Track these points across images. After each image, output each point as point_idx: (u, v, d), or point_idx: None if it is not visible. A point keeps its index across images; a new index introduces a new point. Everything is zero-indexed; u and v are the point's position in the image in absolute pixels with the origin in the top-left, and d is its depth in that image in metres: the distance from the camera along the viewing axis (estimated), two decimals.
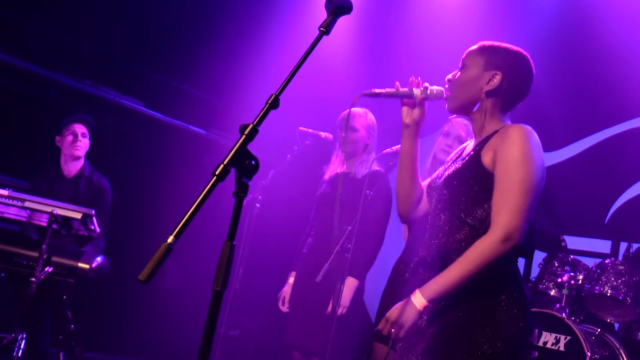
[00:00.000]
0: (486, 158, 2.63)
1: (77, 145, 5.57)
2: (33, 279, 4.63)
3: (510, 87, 2.77)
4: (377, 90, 2.74)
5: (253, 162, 2.14)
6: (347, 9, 2.43)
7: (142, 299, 6.71)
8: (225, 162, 2.06)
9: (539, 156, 2.60)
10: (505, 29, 7.21)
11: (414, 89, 2.85)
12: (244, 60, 6.98)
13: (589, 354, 4.88)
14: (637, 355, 5.19)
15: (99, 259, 5.13)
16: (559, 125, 6.93)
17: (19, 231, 5.35)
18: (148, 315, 6.94)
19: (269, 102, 2.22)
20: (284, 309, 5.06)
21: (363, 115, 5.05)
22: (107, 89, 6.88)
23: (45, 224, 4.76)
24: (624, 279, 5.19)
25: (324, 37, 2.53)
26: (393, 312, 2.61)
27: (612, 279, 5.20)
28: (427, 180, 3.02)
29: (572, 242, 6.50)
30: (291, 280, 5.09)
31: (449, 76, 2.85)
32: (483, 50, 2.80)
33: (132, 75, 7.10)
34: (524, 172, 2.53)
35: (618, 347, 5.17)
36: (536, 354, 5.18)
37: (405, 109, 2.89)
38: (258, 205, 5.25)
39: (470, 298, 2.58)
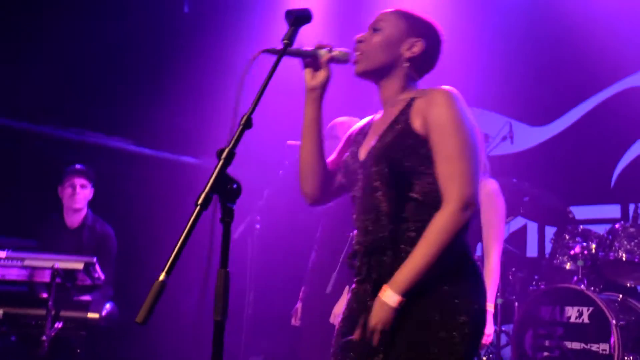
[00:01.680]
0: (416, 123, 2.47)
1: (76, 198, 5.59)
2: (44, 338, 4.56)
3: (428, 57, 2.66)
4: (279, 48, 2.42)
5: (235, 186, 2.10)
6: (307, 19, 2.41)
7: (159, 340, 6.64)
8: (206, 190, 2.01)
9: (470, 116, 2.48)
10: (479, 11, 7.20)
11: (318, 49, 2.60)
12: (227, 83, 6.94)
13: (613, 321, 4.83)
14: None
15: (107, 306, 5.09)
16: (550, 98, 6.91)
17: (27, 291, 5.29)
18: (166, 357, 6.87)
19: (242, 122, 2.17)
20: (295, 323, 5.00)
21: (347, 123, 4.99)
22: (93, 134, 6.86)
23: (48, 280, 4.71)
24: (636, 240, 5.13)
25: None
26: (368, 319, 2.40)
27: (625, 242, 5.15)
28: (332, 157, 2.80)
29: (582, 212, 6.46)
30: (302, 295, 5.05)
31: (360, 37, 2.66)
32: (403, 14, 2.66)
33: (116, 114, 7.07)
34: (463, 135, 2.41)
35: None
36: (562, 330, 5.12)
37: (308, 71, 2.64)
38: (258, 226, 5.20)
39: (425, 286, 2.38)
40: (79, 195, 5.59)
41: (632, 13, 6.23)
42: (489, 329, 4.12)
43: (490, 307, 4.14)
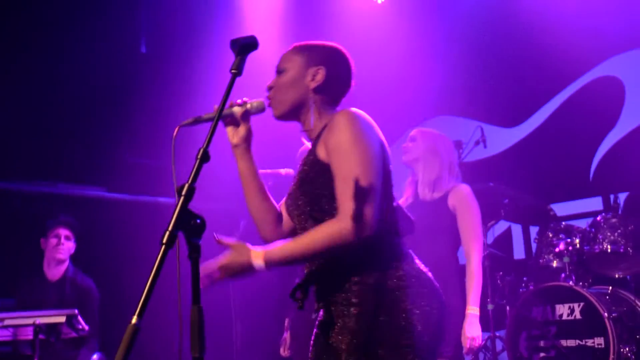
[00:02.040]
0: (321, 153, 2.56)
1: (60, 248, 5.53)
2: None
3: (335, 80, 2.72)
4: (195, 118, 2.54)
5: (198, 221, 2.10)
6: (253, 46, 2.41)
7: None
8: (170, 228, 2.02)
9: (371, 134, 2.53)
10: (438, 21, 7.22)
11: (233, 107, 2.72)
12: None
13: (605, 314, 4.79)
14: None
15: (95, 357, 5.02)
16: (519, 98, 6.91)
17: (11, 351, 5.19)
18: None
19: (199, 156, 2.18)
20: (284, 353, 4.94)
21: None
22: (65, 185, 6.79)
23: (31, 337, 4.64)
24: (620, 231, 5.10)
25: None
26: (225, 258, 2.51)
27: (609, 234, 5.12)
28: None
29: (564, 208, 6.43)
30: (287, 325, 4.98)
31: (269, 84, 2.77)
32: (299, 49, 2.75)
33: (85, 162, 7.00)
34: (359, 155, 2.45)
35: (633, 299, 5.08)
36: (555, 329, 5.08)
37: (230, 129, 2.77)
38: None
39: (363, 295, 2.49)
40: (64, 246, 5.54)
41: (588, 4, 6.25)
42: (476, 331, 4.06)
43: (474, 310, 4.09)
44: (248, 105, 2.71)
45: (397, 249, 2.56)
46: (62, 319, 4.68)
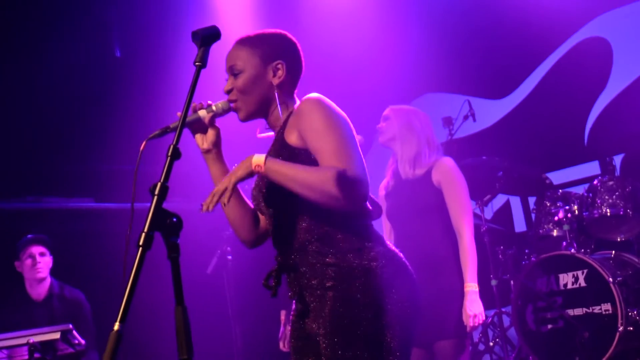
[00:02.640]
0: (291, 138, 2.53)
1: (38, 267, 5.40)
2: None
3: (295, 70, 2.69)
4: (162, 129, 2.46)
5: (175, 219, 2.07)
6: (215, 36, 2.37)
7: None
8: (146, 230, 2.00)
9: (340, 113, 2.53)
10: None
11: (198, 111, 2.63)
12: (168, 121, 6.81)
13: (610, 279, 4.71)
14: None
15: None
16: (504, 69, 6.81)
17: None
18: None
19: (169, 154, 2.16)
20: (285, 348, 4.84)
21: None
22: (50, 198, 6.68)
23: (27, 357, 4.54)
24: (617, 193, 5.01)
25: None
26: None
27: (607, 197, 5.03)
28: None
29: (561, 176, 6.36)
30: (284, 318, 4.88)
31: (226, 88, 2.67)
32: (250, 45, 2.65)
33: (69, 174, 6.90)
34: (338, 132, 2.45)
35: (637, 261, 5.00)
36: (561, 299, 4.99)
37: (198, 136, 2.70)
38: (230, 257, 5.04)
39: (337, 277, 2.48)
40: (40, 264, 5.40)
41: None
42: (478, 308, 3.93)
43: (472, 287, 3.96)
44: (214, 108, 2.64)
45: (368, 231, 2.55)
46: (57, 335, 4.58)
